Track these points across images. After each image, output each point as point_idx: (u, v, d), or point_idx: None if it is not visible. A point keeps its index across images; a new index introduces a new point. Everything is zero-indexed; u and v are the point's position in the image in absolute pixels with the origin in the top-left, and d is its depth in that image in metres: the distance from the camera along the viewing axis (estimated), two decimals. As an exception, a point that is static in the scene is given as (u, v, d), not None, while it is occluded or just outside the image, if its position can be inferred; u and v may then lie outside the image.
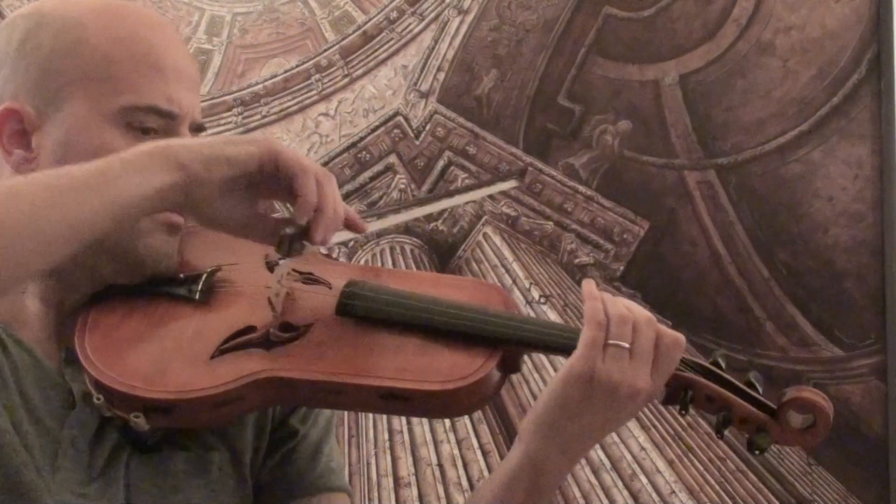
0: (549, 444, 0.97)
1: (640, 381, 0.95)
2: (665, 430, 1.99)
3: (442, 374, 0.96)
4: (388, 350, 0.99)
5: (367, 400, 0.97)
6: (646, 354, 0.95)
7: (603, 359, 0.94)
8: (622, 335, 0.95)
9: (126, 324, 1.00)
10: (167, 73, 1.01)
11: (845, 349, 1.96)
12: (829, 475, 1.93)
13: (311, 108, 2.25)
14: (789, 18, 2.06)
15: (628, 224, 2.08)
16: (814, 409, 1.01)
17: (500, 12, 2.19)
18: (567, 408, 0.95)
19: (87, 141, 0.98)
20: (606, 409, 0.95)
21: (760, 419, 1.01)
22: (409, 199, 2.15)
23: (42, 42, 1.00)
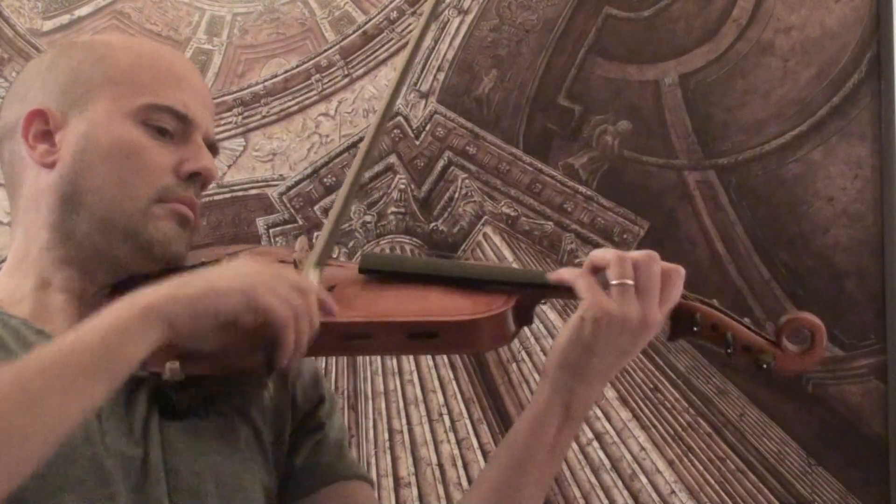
0: (573, 378, 1.05)
1: (650, 314, 1.03)
2: (665, 430, 1.99)
3: (465, 309, 1.03)
4: (412, 297, 1.06)
5: (395, 340, 1.03)
6: (651, 287, 1.03)
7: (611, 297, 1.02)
8: (623, 274, 1.03)
9: None
10: (185, 86, 1.10)
11: (845, 349, 1.96)
12: (829, 475, 1.93)
13: (311, 108, 2.25)
14: (789, 18, 2.06)
15: (628, 224, 2.08)
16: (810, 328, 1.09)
17: (500, 12, 2.19)
18: (586, 345, 1.04)
19: (107, 133, 1.05)
20: (622, 341, 1.03)
21: (761, 344, 1.09)
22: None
23: (72, 57, 1.10)
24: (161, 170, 1.06)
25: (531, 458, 1.06)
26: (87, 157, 1.05)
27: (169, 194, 1.06)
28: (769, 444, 1.96)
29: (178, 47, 2.33)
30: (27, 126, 1.07)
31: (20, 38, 2.36)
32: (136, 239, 1.05)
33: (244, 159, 2.25)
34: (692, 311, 1.09)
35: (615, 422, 2.00)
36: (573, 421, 1.07)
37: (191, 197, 1.08)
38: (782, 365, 1.08)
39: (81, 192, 1.05)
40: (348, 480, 1.16)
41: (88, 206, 1.05)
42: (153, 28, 2.34)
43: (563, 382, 1.06)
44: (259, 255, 1.19)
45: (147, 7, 2.36)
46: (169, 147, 1.08)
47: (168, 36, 2.34)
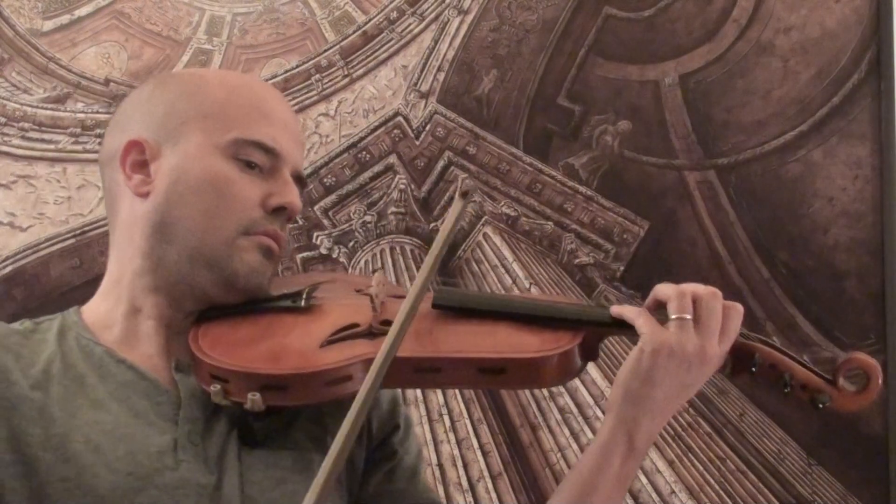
0: (636, 410, 1.07)
1: (709, 347, 1.06)
2: (665, 429, 1.99)
3: (533, 347, 1.07)
4: (482, 333, 1.09)
5: (466, 375, 1.06)
6: (711, 322, 1.06)
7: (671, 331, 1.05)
8: (683, 308, 1.06)
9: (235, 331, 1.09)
10: (275, 120, 1.13)
11: (845, 349, 1.96)
12: (829, 475, 1.93)
13: (311, 108, 2.25)
14: (789, 18, 2.06)
15: (628, 224, 2.08)
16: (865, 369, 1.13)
17: (500, 12, 2.19)
18: (647, 378, 1.06)
19: (198, 166, 1.09)
20: (682, 374, 1.06)
21: (819, 384, 1.12)
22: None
23: (169, 90, 1.15)
24: (248, 203, 1.09)
25: (596, 489, 1.08)
26: (179, 188, 1.09)
27: (255, 227, 1.10)
28: (769, 444, 1.96)
29: (178, 47, 2.33)
30: (125, 155, 1.11)
31: (20, 38, 2.36)
32: (222, 270, 1.08)
33: (244, 159, 2.25)
34: (752, 351, 1.11)
35: (615, 422, 2.00)
36: (637, 452, 1.08)
37: (276, 230, 1.11)
38: (838, 404, 1.12)
39: (172, 222, 1.09)
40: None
41: (178, 236, 1.09)
42: (153, 28, 2.35)
43: (626, 414, 1.07)
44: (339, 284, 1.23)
45: (147, 7, 2.36)
46: (257, 181, 1.11)
47: (168, 36, 2.34)
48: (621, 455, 1.07)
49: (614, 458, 1.07)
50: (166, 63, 2.33)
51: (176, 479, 1.01)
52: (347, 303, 1.14)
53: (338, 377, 1.03)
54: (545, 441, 2.02)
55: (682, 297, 1.06)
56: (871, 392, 1.12)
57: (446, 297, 1.13)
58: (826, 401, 1.11)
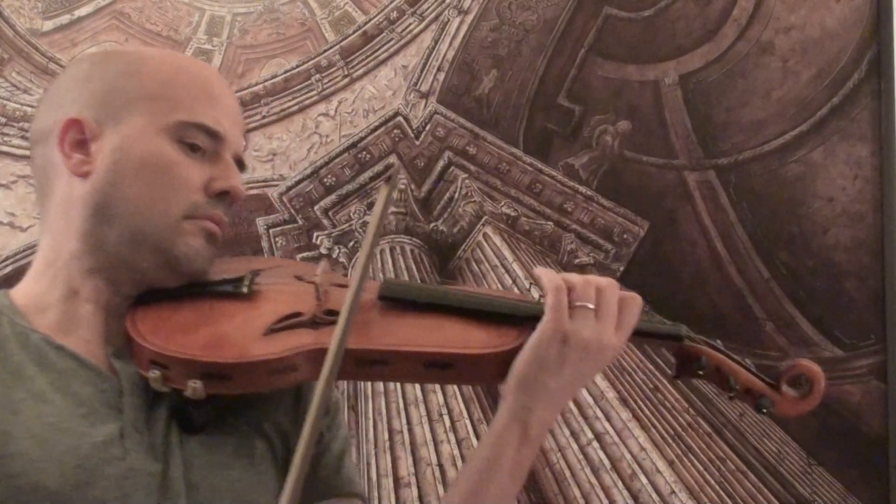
0: (531, 399, 1.07)
1: (607, 338, 1.07)
2: (665, 430, 1.99)
3: (481, 342, 1.07)
4: (429, 327, 1.08)
5: (411, 368, 1.06)
6: (610, 313, 1.07)
7: (572, 319, 1.06)
8: (587, 297, 1.07)
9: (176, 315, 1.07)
10: (218, 103, 1.12)
11: (845, 349, 1.96)
12: (829, 475, 1.93)
13: (311, 108, 2.25)
14: (789, 18, 2.06)
15: (628, 224, 2.08)
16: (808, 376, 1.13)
17: (500, 12, 2.19)
18: (544, 366, 1.06)
19: (141, 148, 1.07)
20: (579, 364, 1.07)
21: (762, 388, 1.13)
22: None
23: (109, 68, 1.12)
24: (192, 186, 1.08)
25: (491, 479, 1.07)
26: (121, 169, 1.07)
27: (199, 211, 1.08)
28: (769, 444, 1.96)
29: (178, 47, 2.33)
30: (63, 134, 1.09)
31: (20, 38, 2.36)
32: (165, 253, 1.07)
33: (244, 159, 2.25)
34: (698, 354, 1.13)
35: (615, 422, 2.00)
36: (532, 441, 1.07)
37: (219, 214, 1.10)
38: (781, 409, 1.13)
39: (114, 203, 1.07)
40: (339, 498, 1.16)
41: (120, 218, 1.07)
42: (153, 28, 2.35)
43: (520, 403, 1.07)
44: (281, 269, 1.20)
45: (147, 7, 2.36)
46: (200, 164, 1.10)
47: (168, 36, 2.34)
48: (516, 444, 1.07)
49: (509, 448, 1.07)
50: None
51: (124, 469, 0.99)
52: (290, 290, 1.13)
53: (281, 367, 1.02)
54: (545, 441, 2.02)
55: (587, 287, 1.07)
56: (813, 398, 1.13)
57: (393, 288, 1.12)
58: (768, 405, 1.12)
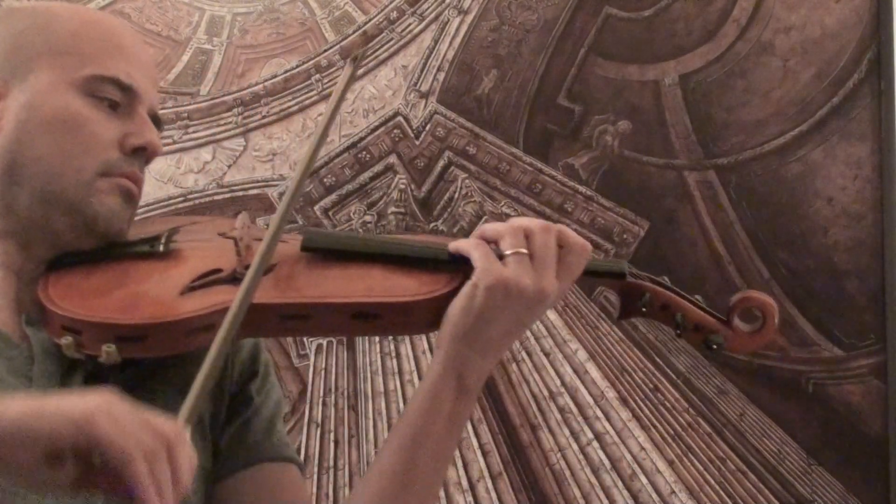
0: (467, 349, 1.01)
1: (546, 283, 1.00)
2: (665, 430, 1.99)
3: (410, 289, 1.00)
4: (355, 276, 1.02)
5: (337, 321, 1.00)
6: (546, 257, 1.01)
7: (507, 267, 0.99)
8: (517, 243, 1.00)
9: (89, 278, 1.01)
10: (129, 56, 1.06)
11: (845, 349, 1.96)
12: (829, 475, 1.93)
13: (311, 108, 2.25)
14: (789, 18, 2.06)
15: (628, 224, 2.08)
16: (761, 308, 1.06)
17: (500, 12, 2.19)
18: (481, 315, 0.99)
19: (50, 104, 1.02)
20: (518, 311, 1.00)
21: (712, 324, 1.06)
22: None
23: (13, 24, 1.07)
24: (105, 143, 1.03)
25: (427, 432, 1.01)
26: (30, 127, 1.02)
27: (113, 168, 1.03)
28: (769, 444, 1.96)
29: (178, 47, 2.33)
30: None
31: (20, 38, 2.36)
32: (80, 213, 1.02)
33: (244, 159, 2.25)
34: (641, 291, 1.07)
35: (615, 422, 2.00)
36: (469, 393, 1.02)
37: (135, 171, 1.05)
38: (733, 345, 1.06)
39: (24, 163, 1.02)
40: (272, 462, 1.10)
41: (30, 179, 1.02)
42: (153, 28, 2.35)
43: (456, 353, 1.00)
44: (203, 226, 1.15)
45: (147, 7, 2.36)
46: (113, 120, 1.04)
47: (168, 36, 2.34)
48: (451, 395, 1.01)
49: (444, 400, 1.01)
50: (166, 63, 2.33)
51: None
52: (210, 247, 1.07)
53: (198, 326, 0.96)
54: (545, 441, 2.02)
55: (516, 232, 1.01)
56: (767, 332, 1.06)
57: (315, 238, 1.06)
58: (720, 342, 1.05)
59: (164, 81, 2.31)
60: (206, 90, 2.28)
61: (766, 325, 1.05)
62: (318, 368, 2.14)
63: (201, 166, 2.26)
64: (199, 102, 2.28)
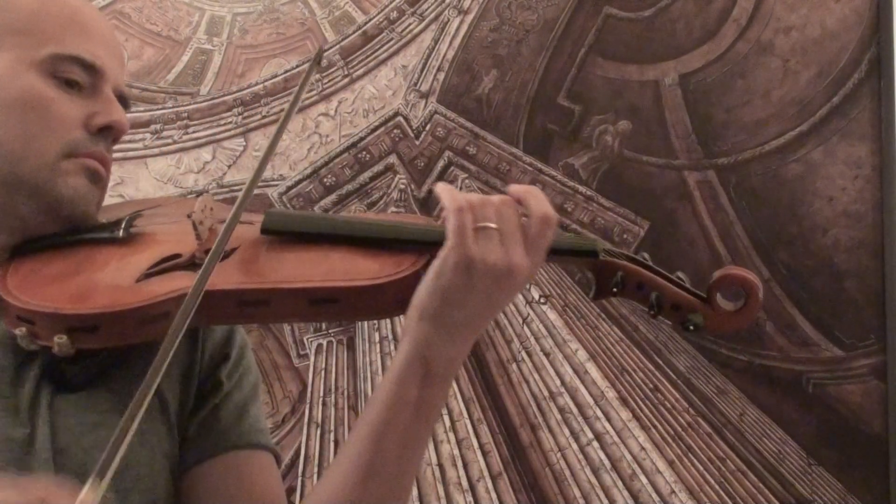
0: (435, 332, 0.95)
1: (516, 258, 0.95)
2: (665, 430, 1.99)
3: (369, 272, 0.95)
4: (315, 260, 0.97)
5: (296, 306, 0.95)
6: (515, 232, 0.95)
7: (475, 243, 0.93)
8: (486, 216, 0.95)
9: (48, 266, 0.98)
10: (93, 34, 1.03)
11: (845, 349, 1.96)
12: (829, 475, 1.93)
13: (311, 108, 2.25)
14: (789, 18, 2.06)
15: (628, 224, 2.08)
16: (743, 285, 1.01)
17: (500, 12, 2.19)
18: (449, 296, 0.94)
19: (11, 85, 0.99)
20: (488, 291, 0.94)
21: (691, 302, 1.01)
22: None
23: None
24: (70, 123, 1.00)
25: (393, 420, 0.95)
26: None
27: (79, 149, 1.01)
28: (769, 444, 1.96)
29: (178, 47, 2.33)
30: None
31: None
32: (44, 196, 0.99)
33: (244, 159, 2.25)
34: (614, 269, 1.01)
35: (615, 422, 2.00)
36: (437, 378, 0.96)
37: (101, 151, 1.02)
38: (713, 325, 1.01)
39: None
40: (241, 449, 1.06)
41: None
42: (153, 28, 2.35)
43: (423, 336, 0.94)
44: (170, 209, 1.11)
45: (147, 7, 2.36)
46: (77, 99, 1.01)
47: (168, 36, 2.34)
48: (418, 381, 0.95)
49: (410, 386, 0.95)
50: (166, 63, 2.33)
51: None
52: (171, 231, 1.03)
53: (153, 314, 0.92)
54: (545, 441, 2.02)
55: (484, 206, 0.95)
56: (750, 310, 1.00)
57: (275, 221, 1.01)
58: (699, 321, 1.00)
59: (164, 81, 2.31)
60: (206, 90, 2.28)
61: (750, 302, 1.00)
62: (318, 368, 2.14)
63: (201, 166, 2.26)
64: (199, 102, 2.28)
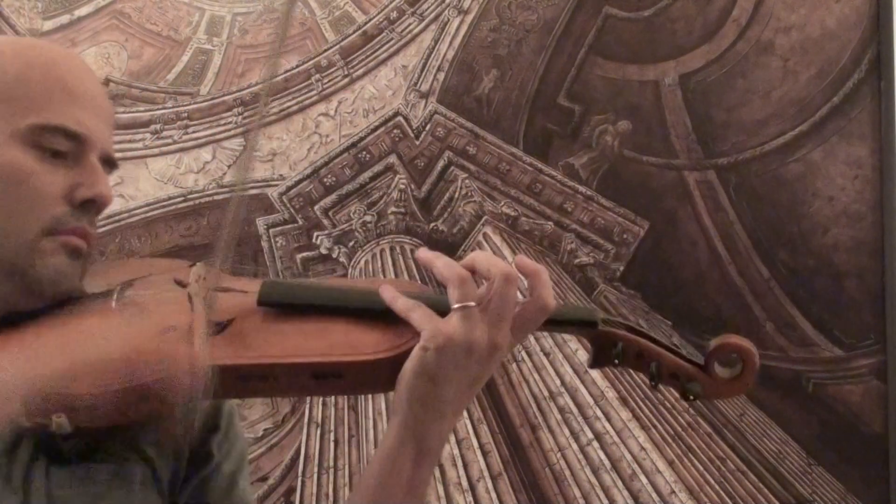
0: (424, 412, 0.96)
1: (499, 337, 0.94)
2: (665, 430, 1.99)
3: (371, 346, 0.95)
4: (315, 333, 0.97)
5: (299, 381, 0.96)
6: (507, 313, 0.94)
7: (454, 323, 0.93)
8: (465, 296, 0.94)
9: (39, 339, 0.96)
10: (79, 98, 1.00)
11: (845, 349, 1.96)
12: (829, 475, 1.93)
13: (311, 108, 2.25)
14: (789, 18, 2.06)
15: (628, 224, 2.08)
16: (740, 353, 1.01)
17: (500, 12, 2.19)
18: (432, 378, 0.94)
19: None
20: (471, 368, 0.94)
21: (689, 371, 1.01)
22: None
23: None
24: (51, 199, 0.97)
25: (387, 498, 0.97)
26: None
27: (59, 225, 0.98)
28: (769, 444, 1.96)
29: (178, 47, 2.33)
30: None
31: (20, 38, 2.36)
32: (23, 277, 0.96)
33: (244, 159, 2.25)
34: (614, 340, 1.00)
35: (615, 422, 2.00)
36: (429, 454, 0.98)
37: (83, 227, 0.99)
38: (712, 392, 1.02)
39: None
40: None
41: None
42: (153, 28, 2.34)
43: (413, 418, 0.96)
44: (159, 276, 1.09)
45: (147, 7, 2.36)
46: (60, 170, 0.98)
47: (168, 36, 2.34)
48: (411, 460, 0.97)
49: (404, 464, 0.97)
50: (166, 63, 2.33)
51: None
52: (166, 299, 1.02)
53: None
54: (545, 441, 2.02)
55: (464, 284, 0.93)
56: (746, 378, 1.00)
57: (270, 293, 1.00)
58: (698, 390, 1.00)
59: (164, 81, 2.31)
60: (206, 90, 2.28)
61: (746, 370, 1.01)
62: (318, 368, 2.14)
63: (201, 166, 2.26)
64: (199, 102, 2.28)
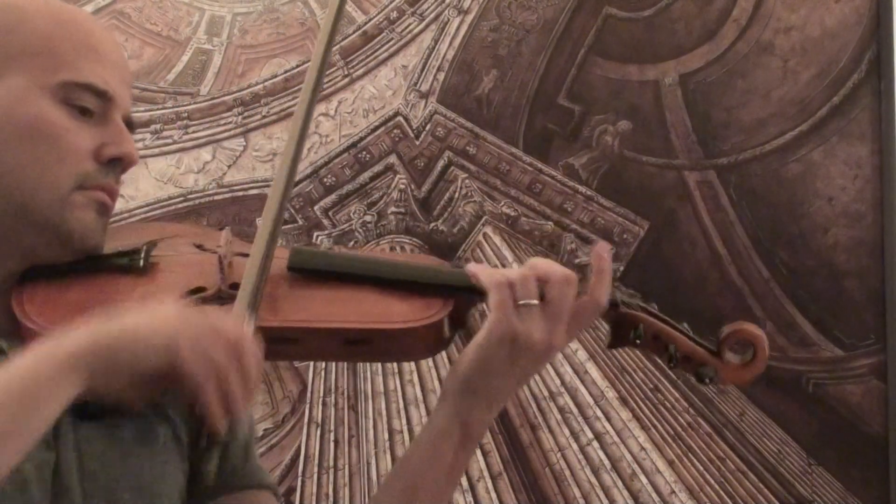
0: (475, 402, 1.00)
1: (556, 338, 0.99)
2: (665, 430, 1.99)
3: (401, 315, 0.98)
4: (345, 299, 0.99)
5: (328, 346, 0.99)
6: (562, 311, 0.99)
7: (520, 319, 0.98)
8: (529, 293, 0.98)
9: (66, 294, 0.98)
10: (103, 58, 1.02)
11: (845, 349, 1.96)
12: (829, 475, 1.93)
13: (311, 108, 2.25)
14: (789, 18, 2.06)
15: (628, 224, 2.08)
16: (752, 340, 1.05)
17: (500, 12, 2.19)
18: (490, 368, 0.99)
19: (24, 112, 0.97)
20: (525, 364, 1.00)
21: (703, 356, 1.05)
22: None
23: None
24: (81, 154, 0.99)
25: (427, 482, 1.01)
26: (2, 136, 0.97)
27: (89, 181, 0.99)
28: (769, 444, 1.96)
29: (178, 47, 2.33)
30: None
31: (20, 38, 2.36)
32: (54, 230, 0.98)
33: (244, 159, 2.25)
34: (636, 322, 1.04)
35: (615, 422, 2.00)
36: (472, 442, 1.02)
37: (111, 184, 1.01)
38: (724, 377, 1.06)
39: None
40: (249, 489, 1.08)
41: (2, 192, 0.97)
42: (153, 28, 2.35)
43: (464, 405, 1.00)
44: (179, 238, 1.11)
45: (147, 7, 2.36)
46: (88, 128, 1.00)
47: (168, 36, 2.34)
48: (455, 446, 1.00)
49: (447, 450, 1.00)
50: (166, 63, 2.33)
51: None
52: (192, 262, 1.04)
53: None
54: (545, 441, 2.02)
55: (527, 282, 0.99)
56: (757, 364, 1.05)
57: (304, 258, 1.02)
58: (711, 374, 1.04)
59: (164, 81, 2.31)
60: (206, 90, 2.28)
61: (757, 356, 1.05)
62: (318, 368, 2.14)
63: (201, 166, 2.26)
64: (199, 102, 2.28)
